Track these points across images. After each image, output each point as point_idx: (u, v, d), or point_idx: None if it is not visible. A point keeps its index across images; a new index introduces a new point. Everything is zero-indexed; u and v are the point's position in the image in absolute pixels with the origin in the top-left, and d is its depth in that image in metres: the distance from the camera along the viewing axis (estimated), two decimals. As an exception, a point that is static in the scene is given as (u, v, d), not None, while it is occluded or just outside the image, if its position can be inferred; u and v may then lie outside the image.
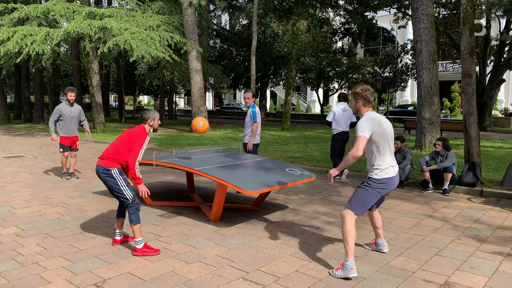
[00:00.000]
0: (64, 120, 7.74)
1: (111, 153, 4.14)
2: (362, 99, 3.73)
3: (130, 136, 4.15)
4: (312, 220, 5.40)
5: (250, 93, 6.95)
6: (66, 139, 7.86)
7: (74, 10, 15.53)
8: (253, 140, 6.89)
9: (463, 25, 6.83)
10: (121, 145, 4.15)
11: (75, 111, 7.87)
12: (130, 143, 4.12)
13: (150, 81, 31.66)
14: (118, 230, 4.40)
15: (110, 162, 4.12)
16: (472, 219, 5.53)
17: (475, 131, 7.21)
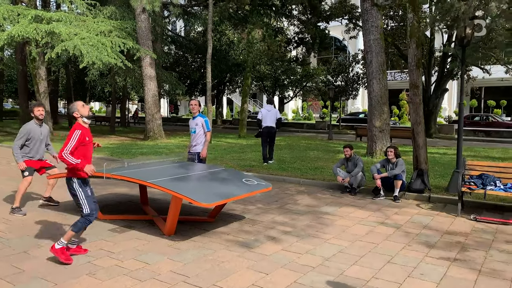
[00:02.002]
0: (33, 143, 6.22)
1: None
2: None
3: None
4: (269, 230, 5.40)
5: (196, 101, 6.95)
6: (33, 162, 6.29)
7: (19, 13, 14.76)
8: (201, 148, 6.89)
9: (410, 38, 7.15)
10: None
11: (45, 131, 6.42)
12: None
13: (101, 87, 30.67)
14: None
15: (68, 171, 4.25)
16: (421, 225, 5.74)
17: (423, 139, 7.54)
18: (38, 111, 6.18)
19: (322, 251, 4.64)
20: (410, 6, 6.83)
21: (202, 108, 6.97)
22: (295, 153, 13.50)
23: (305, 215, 6.20)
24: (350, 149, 7.73)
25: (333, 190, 8.05)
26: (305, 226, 5.59)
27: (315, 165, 10.73)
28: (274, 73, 29.36)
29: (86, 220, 4.19)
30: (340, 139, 20.90)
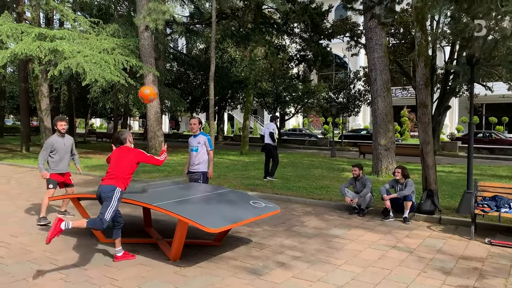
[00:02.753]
0: (57, 154, 6.64)
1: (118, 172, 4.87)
2: None
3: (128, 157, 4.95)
4: (278, 255, 5.21)
5: (196, 119, 6.75)
6: (57, 175, 6.72)
7: (22, 31, 14.79)
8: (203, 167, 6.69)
9: (418, 57, 7.07)
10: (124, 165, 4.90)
11: (68, 143, 6.83)
12: (133, 161, 4.96)
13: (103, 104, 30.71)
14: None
15: (117, 181, 4.81)
16: (435, 249, 5.55)
17: (432, 159, 7.39)
18: (60, 125, 6.74)
19: (335, 278, 4.45)
20: (418, 25, 6.78)
21: (203, 125, 6.89)
22: (298, 171, 13.34)
23: (314, 238, 6.01)
24: (359, 168, 7.58)
25: (341, 211, 7.86)
26: (315, 251, 5.40)
27: (320, 184, 10.55)
28: (275, 90, 29.38)
29: (100, 221, 4.48)
30: (343, 156, 20.74)
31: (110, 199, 4.65)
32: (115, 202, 4.67)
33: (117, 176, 4.80)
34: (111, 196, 4.67)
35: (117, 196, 4.71)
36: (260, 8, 20.53)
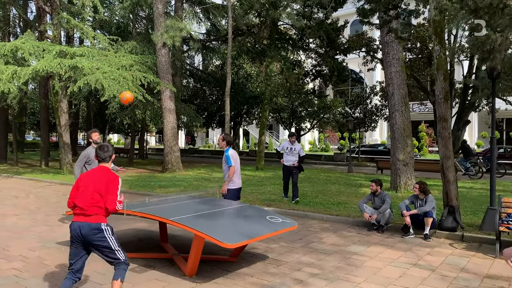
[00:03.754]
0: (92, 165, 6.97)
1: (93, 204, 3.70)
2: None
3: (105, 185, 3.75)
4: (295, 272, 5.10)
5: (221, 137, 6.71)
6: None
7: (44, 48, 15.18)
8: (231, 184, 6.60)
9: (437, 71, 6.97)
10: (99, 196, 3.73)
11: None
12: (106, 191, 3.73)
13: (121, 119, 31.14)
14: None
15: (98, 217, 3.72)
16: (458, 268, 5.36)
17: (453, 174, 7.21)
18: (95, 136, 7.01)
19: None
20: (436, 38, 6.70)
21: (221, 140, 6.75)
22: (315, 186, 13.18)
23: (332, 255, 5.87)
24: (377, 184, 7.43)
25: (359, 227, 7.70)
26: (333, 268, 5.27)
27: (338, 200, 10.39)
28: (291, 105, 29.37)
29: (126, 264, 3.83)
30: (361, 171, 20.47)
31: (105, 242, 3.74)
32: (113, 239, 3.78)
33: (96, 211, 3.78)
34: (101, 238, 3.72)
35: (110, 233, 3.79)
36: (275, 24, 20.69)
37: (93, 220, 3.67)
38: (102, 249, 3.72)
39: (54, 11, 17.16)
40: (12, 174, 16.38)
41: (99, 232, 3.68)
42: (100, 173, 3.82)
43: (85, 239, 3.67)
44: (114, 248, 3.74)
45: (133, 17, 23.63)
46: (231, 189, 6.59)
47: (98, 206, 3.70)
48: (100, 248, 3.72)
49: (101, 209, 3.72)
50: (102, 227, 3.70)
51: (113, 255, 3.75)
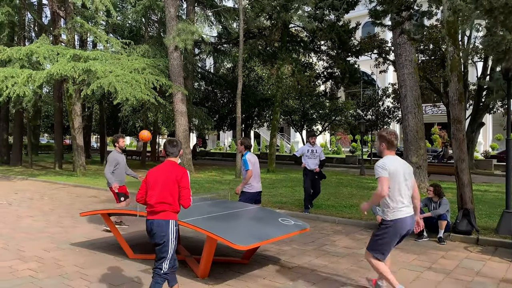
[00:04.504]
0: (120, 169, 7.29)
1: (166, 200, 3.72)
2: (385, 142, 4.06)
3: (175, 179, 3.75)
4: (308, 274, 5.07)
5: (239, 141, 6.72)
6: (122, 187, 7.37)
7: (58, 52, 15.40)
8: (248, 188, 6.53)
9: (451, 72, 6.89)
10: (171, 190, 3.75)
11: (124, 159, 7.53)
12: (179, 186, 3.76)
13: (133, 122, 31.41)
14: None
15: (170, 214, 3.76)
16: (473, 271, 5.28)
17: (468, 177, 7.11)
18: (122, 142, 7.31)
19: None
20: (450, 39, 6.62)
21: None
22: (327, 189, 13.11)
23: (345, 257, 5.83)
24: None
25: (372, 230, 7.62)
26: (346, 271, 5.23)
27: (350, 202, 10.32)
28: (302, 107, 29.31)
29: (163, 278, 3.75)
30: (373, 174, 20.31)
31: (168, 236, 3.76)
32: (174, 238, 3.79)
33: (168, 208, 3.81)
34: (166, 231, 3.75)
35: (174, 229, 3.80)
36: (287, 26, 20.69)
37: (160, 217, 3.71)
38: (160, 245, 3.71)
39: (68, 15, 17.41)
40: (26, 176, 16.63)
41: (168, 228, 3.71)
42: (170, 168, 3.81)
43: (154, 234, 3.71)
44: (168, 250, 3.72)
45: (146, 21, 23.86)
46: (248, 192, 6.55)
47: (166, 203, 3.72)
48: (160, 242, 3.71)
49: (171, 206, 3.73)
50: (169, 224, 3.73)
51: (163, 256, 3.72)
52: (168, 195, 3.71)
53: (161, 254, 3.72)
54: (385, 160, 3.97)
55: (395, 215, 3.93)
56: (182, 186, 3.74)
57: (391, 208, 3.94)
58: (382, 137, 4.06)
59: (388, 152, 4.07)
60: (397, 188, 3.92)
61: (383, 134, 4.06)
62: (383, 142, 4.05)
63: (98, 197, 11.49)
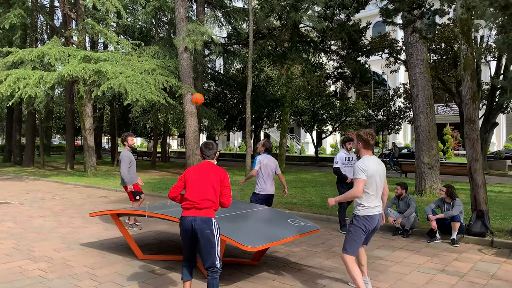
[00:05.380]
0: (132, 167, 7.39)
1: (208, 198, 3.76)
2: (362, 141, 4.18)
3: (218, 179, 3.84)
4: (317, 277, 5.00)
5: (261, 142, 6.72)
6: (135, 186, 7.48)
7: (69, 53, 15.53)
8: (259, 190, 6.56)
9: (464, 71, 6.76)
10: (215, 188, 3.82)
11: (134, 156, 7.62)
12: (221, 185, 3.86)
13: (144, 123, 31.56)
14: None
15: (209, 211, 3.77)
16: (488, 274, 5.16)
17: (481, 177, 6.97)
18: (132, 141, 7.35)
19: None
20: (464, 37, 6.49)
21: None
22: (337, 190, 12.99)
23: (355, 259, 5.74)
24: (402, 187, 7.24)
25: (383, 232, 7.53)
26: (357, 273, 5.14)
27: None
28: (312, 108, 29.18)
29: (220, 272, 3.75)
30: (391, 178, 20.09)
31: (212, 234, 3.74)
32: (217, 235, 3.78)
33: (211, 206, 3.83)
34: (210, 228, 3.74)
35: (216, 226, 3.81)
36: (296, 26, 20.61)
37: (204, 214, 3.72)
38: (206, 242, 3.69)
39: (79, 17, 17.55)
40: (38, 176, 16.79)
41: (210, 225, 3.72)
42: (210, 168, 3.88)
43: (197, 231, 3.69)
44: (215, 246, 3.71)
45: (156, 22, 23.95)
46: (259, 194, 6.56)
47: (210, 200, 3.75)
48: (206, 240, 3.68)
49: (213, 204, 3.77)
50: (213, 221, 3.74)
51: (212, 254, 3.69)
52: (212, 193, 3.77)
53: (210, 251, 3.70)
54: (365, 161, 4.06)
55: (367, 211, 4.07)
56: (224, 185, 3.85)
57: (365, 206, 4.08)
58: (359, 136, 4.20)
59: (365, 151, 4.18)
60: (373, 188, 4.07)
61: (360, 134, 4.20)
62: (360, 141, 4.19)
63: (108, 198, 11.54)
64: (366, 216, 4.06)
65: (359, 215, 4.10)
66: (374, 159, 4.15)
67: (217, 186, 3.81)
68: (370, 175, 4.02)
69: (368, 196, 4.07)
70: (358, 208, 4.12)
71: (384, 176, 4.20)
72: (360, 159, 4.13)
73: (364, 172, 3.99)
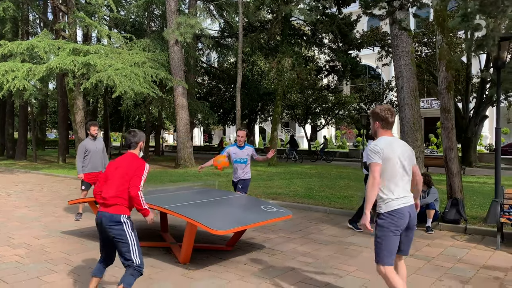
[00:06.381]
0: (90, 156, 7.40)
1: (117, 194, 3.45)
2: (379, 120, 3.37)
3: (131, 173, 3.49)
4: (289, 261, 5.12)
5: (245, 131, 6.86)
6: (90, 175, 7.39)
7: (59, 46, 15.55)
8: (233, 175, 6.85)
9: (439, 61, 6.86)
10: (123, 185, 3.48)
11: (100, 145, 7.57)
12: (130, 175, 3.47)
13: (137, 117, 31.53)
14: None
15: (120, 208, 3.45)
16: (455, 258, 5.29)
17: (456, 166, 7.10)
18: (93, 130, 7.38)
19: (344, 284, 4.32)
20: (439, 28, 6.58)
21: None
22: (324, 181, 13.14)
23: (329, 245, 5.87)
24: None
25: (361, 220, 7.65)
26: (328, 257, 5.27)
27: (344, 193, 10.35)
28: (305, 102, 29.27)
29: (137, 271, 3.42)
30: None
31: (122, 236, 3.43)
32: (132, 236, 3.46)
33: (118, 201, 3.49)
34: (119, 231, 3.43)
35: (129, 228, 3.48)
36: (288, 19, 20.64)
37: (113, 210, 3.42)
38: (118, 243, 3.42)
39: (70, 10, 17.53)
40: (29, 169, 16.85)
41: (118, 224, 3.41)
42: (126, 161, 3.56)
43: (104, 228, 3.44)
44: (130, 246, 3.41)
45: (148, 15, 23.94)
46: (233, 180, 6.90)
47: (119, 196, 3.45)
48: (117, 241, 3.42)
49: (124, 200, 3.46)
50: (122, 219, 3.42)
51: (128, 254, 3.41)
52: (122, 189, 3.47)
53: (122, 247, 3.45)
54: (379, 142, 3.26)
55: (391, 205, 3.22)
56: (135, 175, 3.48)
57: (386, 198, 3.24)
58: (375, 115, 3.36)
59: (383, 131, 3.35)
60: (393, 173, 3.23)
61: (376, 112, 3.37)
62: (377, 120, 3.35)
63: (96, 189, 11.64)
64: (390, 211, 3.20)
65: (381, 213, 3.24)
66: (395, 140, 3.32)
67: (128, 179, 3.46)
68: (386, 157, 3.20)
69: (388, 185, 3.23)
70: (379, 205, 3.27)
71: (412, 160, 3.35)
72: (374, 141, 3.35)
73: (377, 155, 3.20)
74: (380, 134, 3.37)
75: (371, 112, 3.44)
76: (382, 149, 3.22)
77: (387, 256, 3.21)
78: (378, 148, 3.23)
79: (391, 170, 3.23)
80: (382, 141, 3.27)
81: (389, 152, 3.22)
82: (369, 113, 3.40)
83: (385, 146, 3.24)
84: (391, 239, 3.20)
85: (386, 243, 3.21)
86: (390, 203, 3.22)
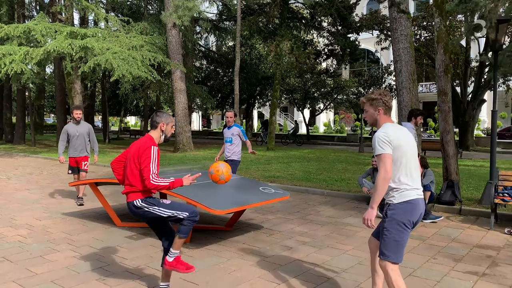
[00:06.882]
0: (71, 140, 7.29)
1: (129, 182, 3.39)
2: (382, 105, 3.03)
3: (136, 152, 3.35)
4: (286, 240, 5.23)
5: (232, 112, 7.08)
6: (72, 160, 7.33)
7: (56, 30, 15.44)
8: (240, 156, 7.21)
9: (437, 44, 6.88)
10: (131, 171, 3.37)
11: (82, 129, 7.32)
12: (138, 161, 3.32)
13: (135, 101, 31.49)
14: (163, 283, 3.56)
15: (132, 195, 3.37)
16: (449, 238, 5.41)
17: (453, 148, 7.18)
18: (76, 114, 7.27)
19: (340, 262, 4.43)
20: (437, 10, 6.59)
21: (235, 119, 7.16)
22: (322, 165, 13.24)
23: (326, 226, 5.98)
24: (375, 158, 7.42)
25: (359, 202, 7.77)
26: (324, 237, 5.39)
27: (341, 176, 10.45)
28: (304, 86, 29.21)
29: (190, 221, 3.36)
30: (372, 151, 20.38)
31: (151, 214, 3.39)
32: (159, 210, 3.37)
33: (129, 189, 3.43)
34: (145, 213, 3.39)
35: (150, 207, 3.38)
36: (286, 2, 20.48)
37: (128, 199, 3.39)
38: (153, 220, 3.43)
39: (66, -8, 17.36)
40: (28, 153, 16.90)
41: (138, 209, 3.37)
42: (138, 142, 3.39)
43: (135, 216, 3.45)
44: (164, 214, 3.35)
45: (145, -2, 23.71)
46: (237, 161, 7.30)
47: (130, 184, 3.37)
48: (151, 219, 3.42)
49: (134, 187, 3.35)
50: (137, 203, 3.35)
51: (172, 218, 3.37)
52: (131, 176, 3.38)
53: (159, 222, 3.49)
54: (387, 130, 2.95)
55: (406, 195, 2.92)
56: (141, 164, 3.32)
57: (401, 188, 2.93)
58: (376, 101, 3.03)
59: (386, 118, 3.04)
60: (403, 164, 2.93)
61: (376, 97, 3.04)
62: (380, 106, 3.02)
63: (95, 172, 11.72)
64: (404, 202, 2.90)
65: (394, 203, 2.92)
66: (399, 127, 3.03)
67: (136, 166, 3.34)
68: (397, 145, 2.90)
69: (404, 173, 2.93)
70: (391, 194, 2.95)
71: (416, 149, 3.08)
72: (380, 128, 3.00)
73: (388, 144, 2.88)
74: (383, 121, 3.04)
75: (368, 99, 3.07)
76: (393, 137, 2.91)
77: (394, 252, 2.90)
78: (389, 137, 2.90)
79: (404, 159, 2.93)
80: (391, 129, 2.95)
81: (400, 140, 2.93)
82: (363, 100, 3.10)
83: (395, 134, 2.93)
84: (402, 234, 2.89)
85: (396, 237, 2.89)
86: (405, 193, 2.91)
